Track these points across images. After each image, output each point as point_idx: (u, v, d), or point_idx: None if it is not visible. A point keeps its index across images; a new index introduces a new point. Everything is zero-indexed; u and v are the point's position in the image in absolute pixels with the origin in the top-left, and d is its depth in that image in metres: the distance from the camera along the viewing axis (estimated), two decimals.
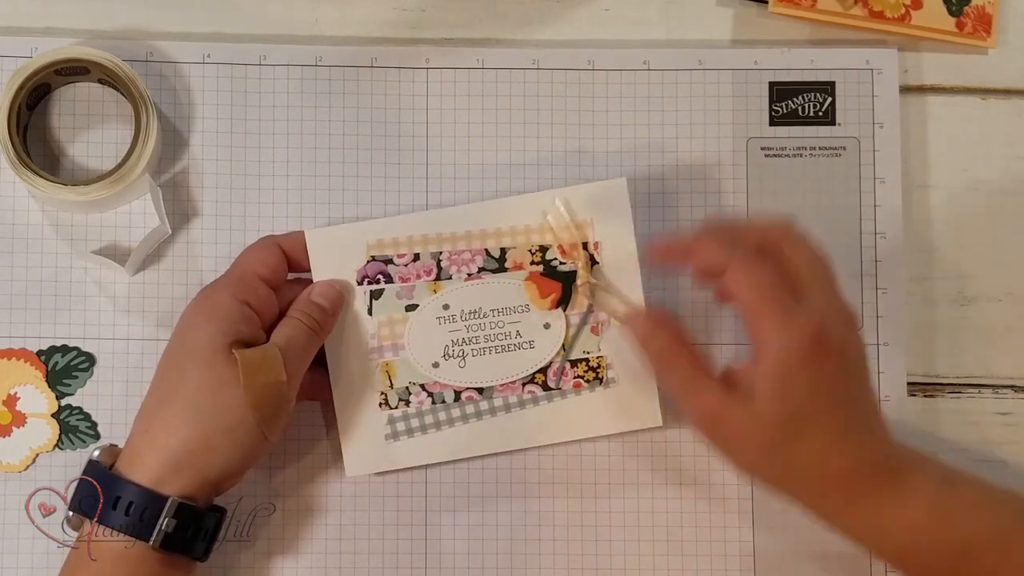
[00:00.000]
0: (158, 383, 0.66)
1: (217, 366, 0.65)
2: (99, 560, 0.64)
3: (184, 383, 0.65)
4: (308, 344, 0.68)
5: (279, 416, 0.66)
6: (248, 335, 0.66)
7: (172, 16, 0.76)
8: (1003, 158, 0.77)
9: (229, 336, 0.65)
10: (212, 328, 0.65)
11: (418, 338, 0.71)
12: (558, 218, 0.70)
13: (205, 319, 0.66)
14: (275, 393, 0.65)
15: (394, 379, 0.71)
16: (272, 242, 0.70)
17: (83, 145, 0.75)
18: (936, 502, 0.63)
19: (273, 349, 0.66)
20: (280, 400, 0.65)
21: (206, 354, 0.65)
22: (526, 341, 0.71)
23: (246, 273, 0.68)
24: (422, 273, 0.71)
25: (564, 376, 0.71)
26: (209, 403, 0.64)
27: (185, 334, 0.67)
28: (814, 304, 0.63)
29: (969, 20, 0.78)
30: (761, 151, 0.76)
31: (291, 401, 0.66)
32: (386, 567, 0.73)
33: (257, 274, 0.68)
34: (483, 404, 0.71)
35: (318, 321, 0.68)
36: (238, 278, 0.68)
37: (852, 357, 0.64)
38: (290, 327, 0.67)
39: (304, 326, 0.67)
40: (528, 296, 0.71)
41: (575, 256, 0.70)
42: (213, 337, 0.65)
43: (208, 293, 0.68)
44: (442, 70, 0.76)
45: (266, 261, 0.69)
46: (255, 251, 0.69)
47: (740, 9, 0.78)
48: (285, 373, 0.65)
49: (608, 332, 0.71)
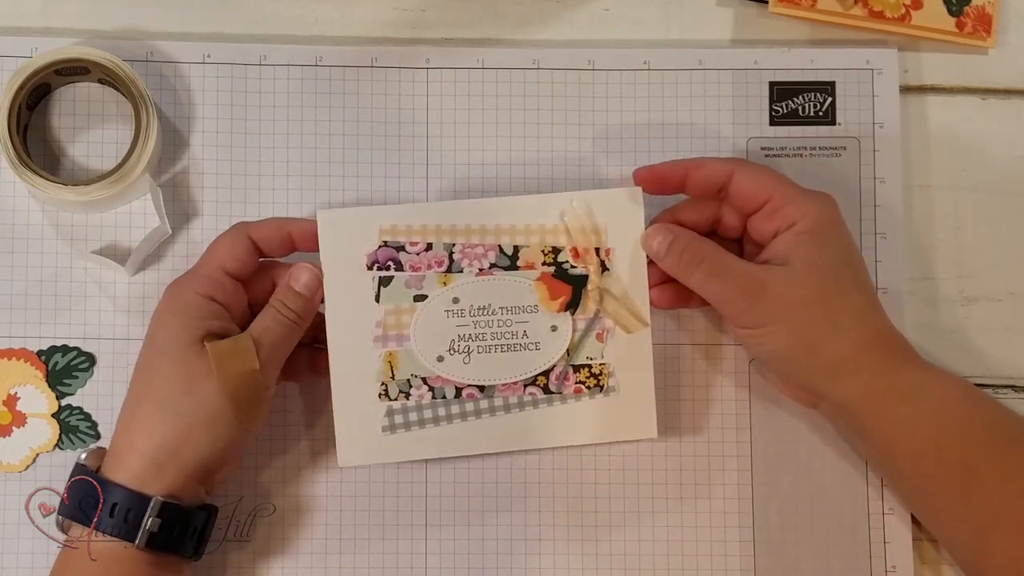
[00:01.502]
0: (134, 383, 0.67)
1: (189, 360, 0.65)
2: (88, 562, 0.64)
3: (157, 381, 0.65)
4: (286, 333, 0.67)
5: (257, 405, 0.66)
6: (219, 328, 0.66)
7: (172, 16, 0.76)
8: (1003, 158, 0.77)
9: (199, 331, 0.65)
10: (180, 324, 0.65)
11: (425, 330, 0.70)
12: (574, 220, 0.70)
13: (173, 315, 0.66)
14: (250, 382, 0.65)
15: (396, 370, 0.70)
16: (242, 233, 0.68)
17: (83, 145, 0.75)
18: (966, 384, 0.69)
19: (246, 338, 0.65)
20: (256, 389, 0.65)
21: (176, 349, 0.65)
22: (532, 342, 0.70)
23: (212, 269, 0.68)
24: (433, 264, 0.70)
25: (566, 381, 0.71)
26: (183, 399, 0.64)
27: (155, 332, 0.67)
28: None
29: (969, 20, 0.78)
30: (761, 151, 0.76)
31: (269, 389, 0.66)
32: (386, 567, 0.73)
33: (224, 269, 0.67)
34: (483, 403, 0.71)
35: (294, 310, 0.67)
36: (204, 275, 0.67)
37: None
38: (268, 316, 0.67)
39: (281, 316, 0.67)
40: (538, 296, 0.70)
41: (587, 260, 0.70)
42: (181, 332, 0.65)
43: (174, 291, 0.67)
44: (442, 70, 0.76)
45: (234, 255, 0.68)
46: (223, 245, 0.68)
47: (740, 9, 0.78)
48: (258, 361, 0.65)
49: (612, 340, 0.71)
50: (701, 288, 0.68)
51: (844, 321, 0.67)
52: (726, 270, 0.67)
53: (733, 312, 0.68)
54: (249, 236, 0.68)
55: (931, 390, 0.67)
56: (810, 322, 0.66)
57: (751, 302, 0.67)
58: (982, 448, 0.65)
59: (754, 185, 0.69)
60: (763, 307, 0.66)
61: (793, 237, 0.67)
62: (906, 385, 0.67)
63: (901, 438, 0.66)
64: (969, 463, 0.65)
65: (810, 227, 0.67)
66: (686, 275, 0.68)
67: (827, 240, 0.68)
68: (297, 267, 0.68)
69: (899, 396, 0.66)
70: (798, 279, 0.66)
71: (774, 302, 0.66)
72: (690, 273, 0.68)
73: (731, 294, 0.67)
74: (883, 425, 0.66)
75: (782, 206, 0.68)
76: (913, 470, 0.67)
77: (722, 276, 0.67)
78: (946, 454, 0.65)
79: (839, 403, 0.67)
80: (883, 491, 0.74)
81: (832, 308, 0.67)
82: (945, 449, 0.65)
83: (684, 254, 0.68)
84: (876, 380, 0.66)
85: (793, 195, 0.68)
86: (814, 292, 0.66)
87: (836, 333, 0.66)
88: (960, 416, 0.66)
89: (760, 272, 0.67)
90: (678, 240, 0.68)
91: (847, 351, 0.66)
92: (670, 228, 0.69)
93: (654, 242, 0.69)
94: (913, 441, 0.66)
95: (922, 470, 0.66)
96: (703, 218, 0.71)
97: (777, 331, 0.67)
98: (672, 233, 0.69)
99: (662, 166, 0.71)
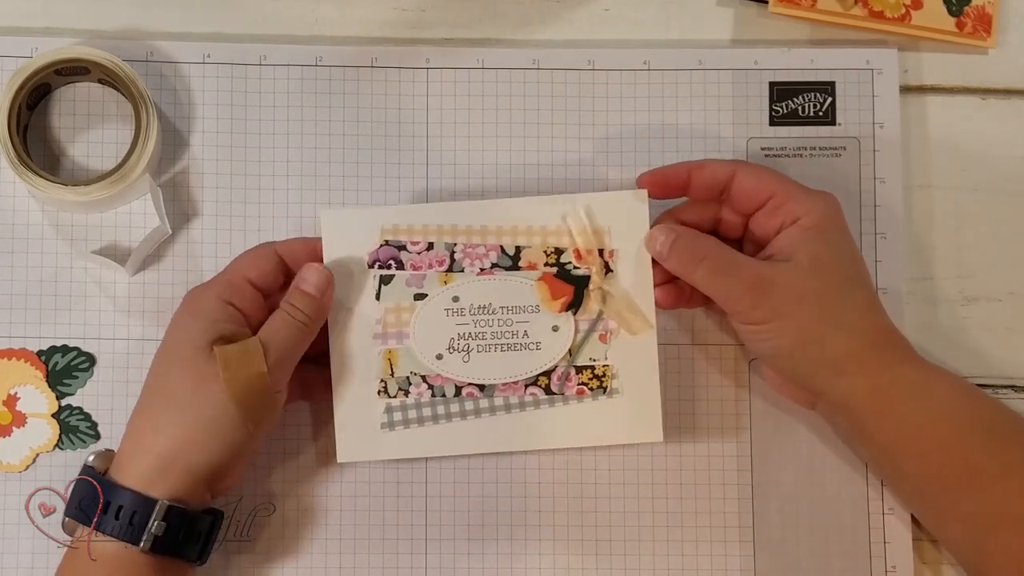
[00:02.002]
0: (146, 386, 0.67)
1: (198, 363, 0.64)
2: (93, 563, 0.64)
3: (167, 383, 0.65)
4: (297, 336, 0.67)
5: (265, 408, 0.66)
6: (232, 333, 0.66)
7: (172, 16, 0.76)
8: (1003, 158, 0.77)
9: (211, 334, 0.65)
10: (195, 327, 0.65)
11: (424, 328, 0.70)
12: (577, 222, 0.70)
13: (190, 318, 0.66)
14: (257, 386, 0.65)
15: (395, 368, 0.70)
16: (269, 248, 0.69)
17: (83, 145, 0.75)
18: (966, 382, 0.70)
19: (254, 342, 0.65)
20: (263, 392, 0.65)
21: (189, 352, 0.65)
22: (533, 342, 0.70)
23: (234, 275, 0.68)
24: (434, 263, 0.70)
25: (568, 381, 0.71)
26: (191, 400, 0.64)
27: (171, 335, 0.67)
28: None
29: (969, 20, 0.78)
30: (761, 151, 0.76)
31: (279, 393, 0.66)
32: (386, 567, 0.73)
33: (246, 277, 0.68)
34: (483, 402, 0.71)
35: (305, 312, 0.67)
36: (225, 280, 0.68)
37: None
38: (277, 320, 0.67)
39: (291, 318, 0.67)
40: (539, 296, 0.70)
41: (590, 261, 0.70)
42: (196, 336, 0.65)
43: (194, 294, 0.68)
44: (442, 70, 0.76)
45: (258, 265, 0.68)
46: (248, 256, 0.69)
47: (740, 9, 0.78)
48: (266, 365, 0.65)
49: (616, 341, 0.70)
50: (706, 286, 0.68)
51: (849, 317, 0.67)
52: (731, 266, 0.67)
53: (738, 308, 0.68)
54: (275, 250, 0.69)
55: (933, 388, 0.67)
56: (816, 317, 0.66)
57: (756, 298, 0.67)
58: (984, 446, 0.65)
59: (756, 182, 0.69)
60: (769, 303, 0.66)
61: (799, 232, 0.68)
62: (908, 383, 0.67)
63: (903, 437, 0.66)
64: (971, 461, 0.65)
65: (815, 223, 0.68)
66: (690, 273, 0.68)
67: (831, 236, 0.68)
68: (306, 267, 0.68)
69: (902, 394, 0.66)
70: (804, 274, 0.67)
71: (780, 297, 0.66)
72: (693, 270, 0.68)
73: (736, 291, 0.67)
74: (885, 424, 0.66)
75: (785, 202, 0.68)
76: (915, 469, 0.67)
77: (727, 273, 0.67)
78: (948, 453, 0.65)
79: (840, 401, 0.67)
80: (883, 491, 0.74)
81: (837, 303, 0.67)
82: (947, 448, 0.65)
83: (687, 252, 0.68)
84: (879, 377, 0.66)
85: (795, 192, 0.69)
86: (820, 287, 0.67)
87: (841, 329, 0.66)
88: (962, 414, 0.66)
89: (765, 268, 0.67)
90: (681, 238, 0.68)
91: (852, 347, 0.66)
92: (672, 227, 0.69)
93: (657, 242, 0.69)
94: (916, 440, 0.66)
95: (924, 469, 0.66)
96: (704, 219, 0.71)
97: (783, 327, 0.67)
98: (674, 232, 0.68)
99: (664, 169, 0.71)
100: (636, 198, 0.70)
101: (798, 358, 0.67)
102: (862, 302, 0.68)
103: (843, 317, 0.67)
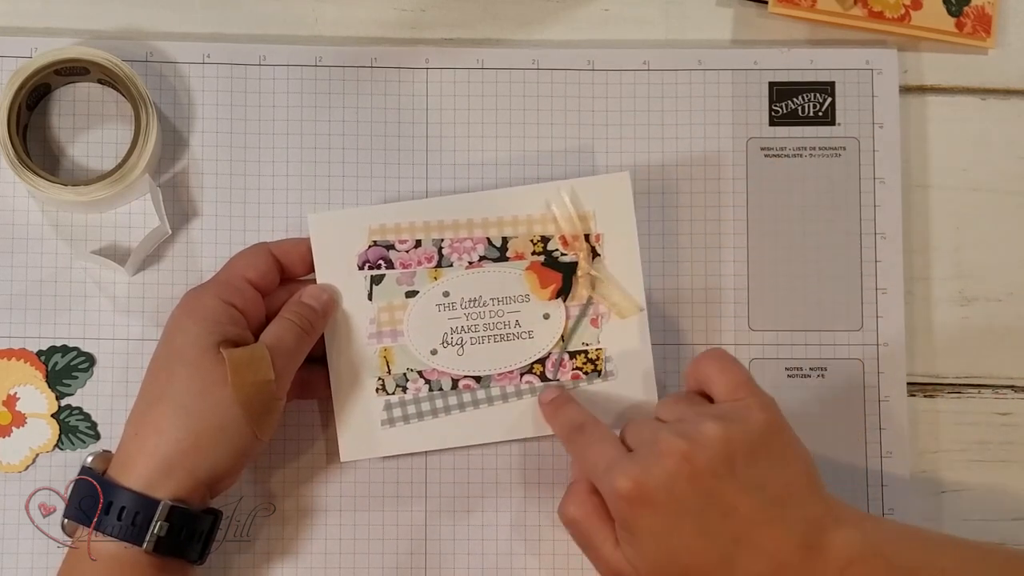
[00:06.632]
0: (147, 386, 0.67)
1: (205, 366, 0.64)
2: (95, 563, 0.64)
3: (172, 384, 0.65)
4: (298, 343, 0.67)
5: (269, 414, 0.66)
6: (235, 335, 0.66)
7: (172, 16, 0.76)
8: (1003, 158, 0.77)
9: (216, 336, 0.65)
10: (199, 329, 0.65)
11: (417, 325, 0.71)
12: (561, 208, 0.71)
13: (191, 320, 0.66)
14: (264, 391, 0.65)
15: (392, 365, 0.71)
16: (263, 248, 0.70)
17: (83, 145, 0.75)
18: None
19: (261, 348, 0.65)
20: (269, 398, 0.65)
21: (194, 354, 0.65)
22: (525, 331, 0.71)
23: (232, 276, 0.68)
24: (423, 260, 0.71)
25: (563, 367, 0.71)
26: (198, 403, 0.64)
27: (172, 336, 0.67)
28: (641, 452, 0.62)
29: (969, 20, 0.78)
30: (761, 151, 0.76)
31: (281, 399, 0.66)
32: (386, 567, 0.73)
33: (244, 277, 0.68)
34: (480, 393, 0.71)
35: (309, 320, 0.68)
36: (224, 280, 0.68)
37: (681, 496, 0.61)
38: (280, 327, 0.67)
39: (294, 325, 0.67)
40: (528, 286, 0.71)
41: (577, 247, 0.71)
42: (200, 338, 0.65)
43: (194, 295, 0.68)
44: (442, 70, 0.76)
45: (255, 265, 0.69)
46: (244, 256, 0.70)
47: (740, 9, 0.78)
48: (273, 371, 0.65)
49: (607, 325, 0.71)
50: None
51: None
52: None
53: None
54: (269, 250, 0.70)
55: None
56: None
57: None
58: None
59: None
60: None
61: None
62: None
63: None
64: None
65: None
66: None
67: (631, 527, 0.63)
68: (310, 285, 0.70)
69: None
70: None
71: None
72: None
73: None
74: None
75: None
76: None
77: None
78: None
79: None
80: (883, 491, 0.74)
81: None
82: None
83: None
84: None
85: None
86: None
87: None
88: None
89: (620, 564, 0.64)
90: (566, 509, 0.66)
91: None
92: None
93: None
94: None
95: None
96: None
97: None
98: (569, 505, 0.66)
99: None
100: (619, 180, 0.71)
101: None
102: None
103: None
